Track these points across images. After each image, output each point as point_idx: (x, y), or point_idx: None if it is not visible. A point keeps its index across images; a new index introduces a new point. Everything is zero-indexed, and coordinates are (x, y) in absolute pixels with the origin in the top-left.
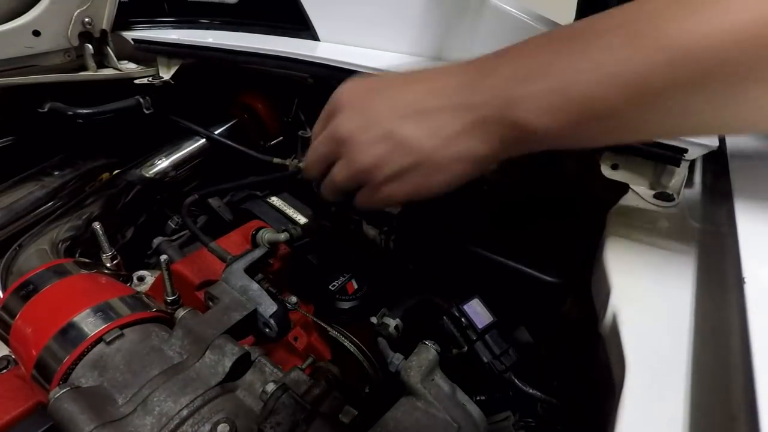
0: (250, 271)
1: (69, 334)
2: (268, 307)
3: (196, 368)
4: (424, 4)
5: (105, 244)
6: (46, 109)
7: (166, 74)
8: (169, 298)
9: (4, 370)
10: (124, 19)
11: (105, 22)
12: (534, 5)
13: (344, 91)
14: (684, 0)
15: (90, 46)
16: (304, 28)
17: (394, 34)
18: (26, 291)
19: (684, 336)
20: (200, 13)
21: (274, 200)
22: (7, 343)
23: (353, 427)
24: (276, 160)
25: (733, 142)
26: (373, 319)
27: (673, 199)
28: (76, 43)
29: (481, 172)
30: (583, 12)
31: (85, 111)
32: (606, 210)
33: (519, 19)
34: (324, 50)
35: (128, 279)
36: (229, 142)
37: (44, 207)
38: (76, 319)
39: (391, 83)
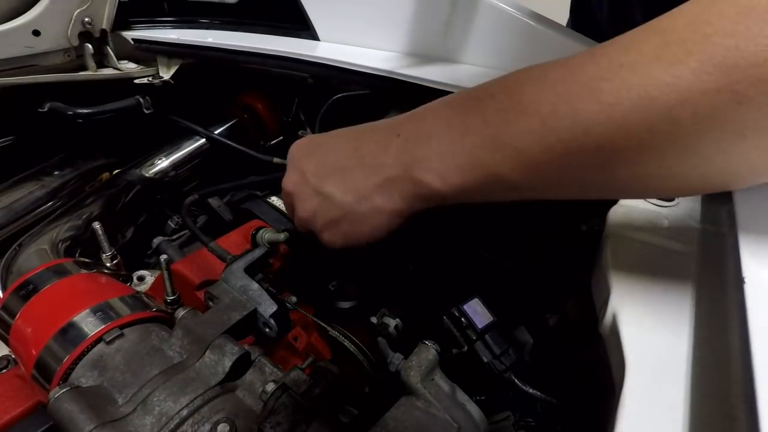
0: (250, 270)
1: (69, 333)
2: (268, 307)
3: (196, 368)
4: (424, 3)
5: (105, 244)
6: (45, 109)
7: (166, 74)
8: (169, 298)
9: (4, 370)
10: (124, 18)
11: (105, 22)
12: (532, 4)
13: (293, 149)
14: (560, 86)
15: (90, 45)
16: (304, 28)
17: (394, 33)
18: (26, 291)
19: (684, 336)
20: (200, 13)
21: (274, 200)
22: (6, 342)
23: (353, 427)
24: (276, 159)
25: None
26: (373, 319)
27: (673, 199)
28: (76, 42)
29: (402, 224)
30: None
31: (84, 111)
32: (606, 209)
33: (514, 17)
34: (324, 50)
35: (128, 279)
36: (229, 142)
37: (44, 207)
38: (76, 318)
39: (324, 143)
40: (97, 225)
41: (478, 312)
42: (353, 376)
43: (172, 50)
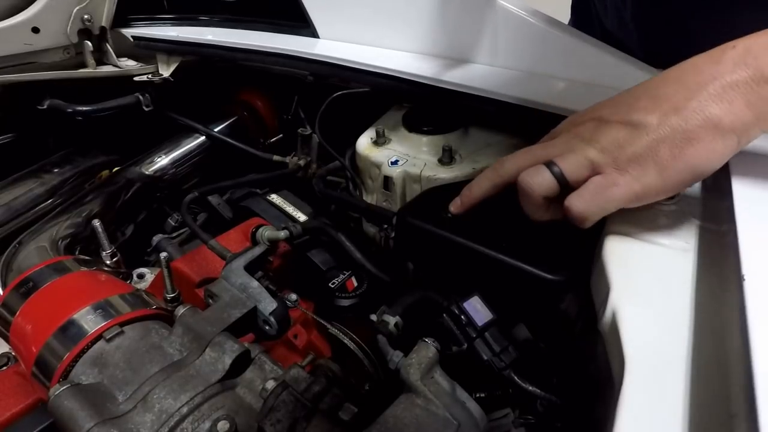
0: (250, 268)
1: (69, 331)
2: (268, 305)
3: (196, 365)
4: (424, 2)
5: (105, 242)
6: (45, 107)
7: (166, 71)
8: (169, 296)
9: (4, 367)
10: (123, 16)
11: (104, 19)
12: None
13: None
14: None
15: (89, 43)
16: (303, 26)
17: (393, 31)
18: (26, 288)
19: (683, 333)
20: (200, 10)
21: (274, 198)
22: (7, 340)
23: (353, 424)
24: (276, 157)
25: None
26: (373, 317)
27: (673, 197)
28: (75, 40)
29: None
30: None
31: (84, 108)
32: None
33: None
34: (324, 47)
35: (128, 276)
36: (228, 140)
37: (44, 204)
38: (76, 316)
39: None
40: (97, 222)
41: (477, 309)
42: (353, 373)
43: (171, 47)
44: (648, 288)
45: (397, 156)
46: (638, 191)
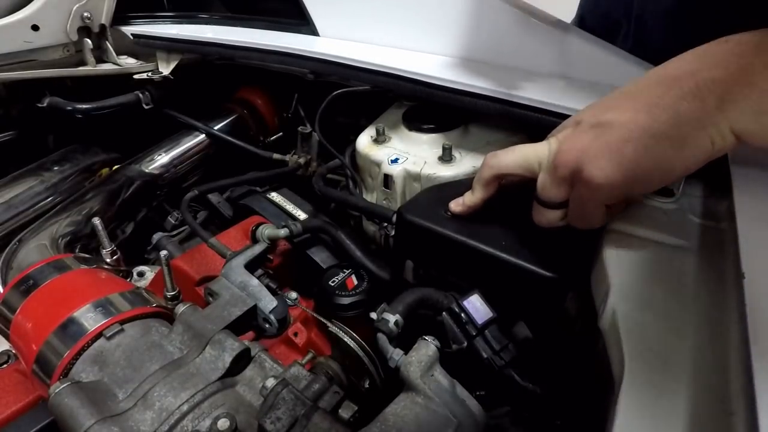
0: (250, 266)
1: (69, 329)
2: (268, 303)
3: (196, 363)
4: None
5: (105, 240)
6: (45, 104)
7: (166, 69)
8: (169, 294)
9: (5, 365)
10: (123, 13)
11: (104, 17)
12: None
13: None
14: None
15: (89, 40)
16: (303, 23)
17: (393, 29)
18: (26, 286)
19: (683, 331)
20: (199, 8)
21: (274, 196)
22: (7, 337)
23: (353, 422)
24: (276, 156)
25: None
26: (373, 315)
27: (673, 195)
28: (75, 37)
29: (708, 159)
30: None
31: (84, 106)
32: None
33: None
34: (324, 45)
35: (128, 274)
36: (228, 138)
37: (44, 202)
38: (77, 314)
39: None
40: (97, 221)
41: (477, 308)
42: (353, 371)
43: (171, 45)
44: (648, 286)
45: (397, 154)
46: (606, 190)
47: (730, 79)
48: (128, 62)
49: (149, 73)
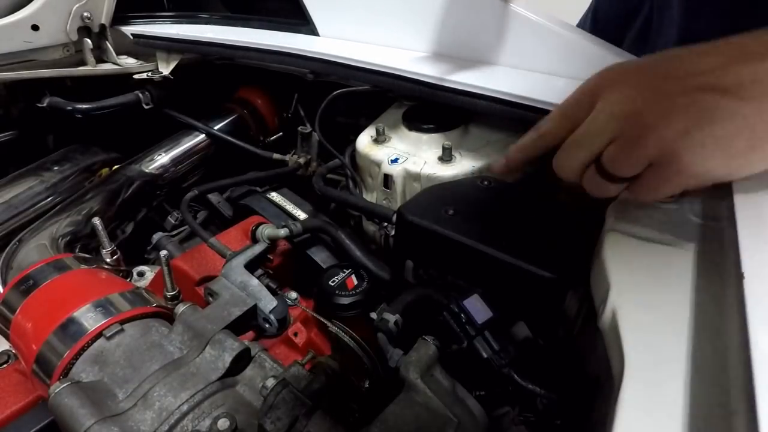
0: (250, 266)
1: (69, 329)
2: (268, 303)
3: (196, 363)
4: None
5: (105, 240)
6: (45, 104)
7: (166, 69)
8: (169, 294)
9: (5, 365)
10: (123, 13)
11: (104, 17)
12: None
13: (598, 75)
14: None
15: (89, 40)
16: (303, 23)
17: (394, 29)
18: (26, 286)
19: (683, 331)
20: (199, 8)
21: (274, 196)
22: (7, 337)
23: (353, 422)
24: (276, 155)
25: None
26: (373, 315)
27: (673, 194)
28: (75, 37)
29: None
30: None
31: (84, 106)
32: (605, 205)
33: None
34: (324, 45)
35: (128, 274)
36: (228, 138)
37: (44, 202)
38: (76, 314)
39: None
40: (97, 220)
41: (477, 307)
42: (353, 371)
43: (171, 45)
44: (648, 286)
45: (397, 154)
46: (702, 180)
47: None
48: (128, 62)
49: (149, 73)
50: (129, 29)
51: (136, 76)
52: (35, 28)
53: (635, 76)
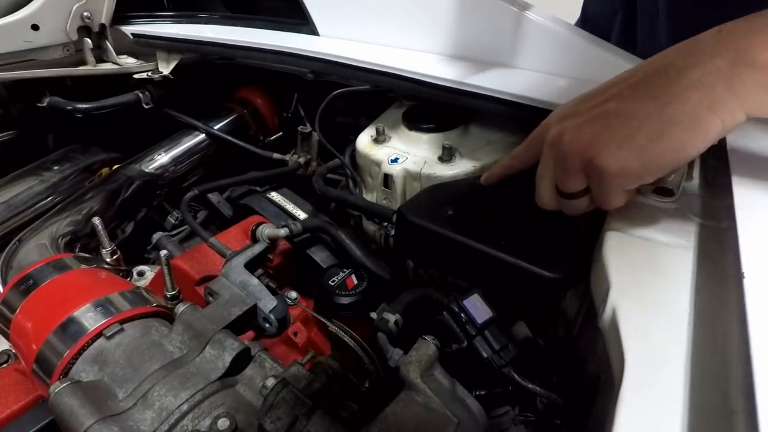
0: (250, 266)
1: (69, 328)
2: (268, 303)
3: (196, 363)
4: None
5: (105, 239)
6: (45, 104)
7: (166, 69)
8: (169, 293)
9: (5, 365)
10: (123, 13)
11: (104, 17)
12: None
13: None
14: None
15: (89, 40)
16: (303, 23)
17: (394, 29)
18: (26, 285)
19: (683, 331)
20: (199, 8)
21: (274, 195)
22: (7, 337)
23: (353, 422)
24: (276, 155)
25: (732, 136)
26: (373, 315)
27: (673, 194)
28: (75, 37)
29: (714, 140)
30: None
31: (84, 106)
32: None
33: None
34: (324, 45)
35: (128, 274)
36: (228, 138)
37: (44, 202)
38: (76, 313)
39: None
40: (97, 220)
41: (477, 307)
42: (353, 371)
43: (171, 45)
44: (648, 286)
45: (397, 154)
46: (623, 177)
47: (733, 64)
48: (128, 62)
49: (149, 73)
50: (129, 29)
51: (136, 76)
52: (35, 27)
53: (567, 107)
